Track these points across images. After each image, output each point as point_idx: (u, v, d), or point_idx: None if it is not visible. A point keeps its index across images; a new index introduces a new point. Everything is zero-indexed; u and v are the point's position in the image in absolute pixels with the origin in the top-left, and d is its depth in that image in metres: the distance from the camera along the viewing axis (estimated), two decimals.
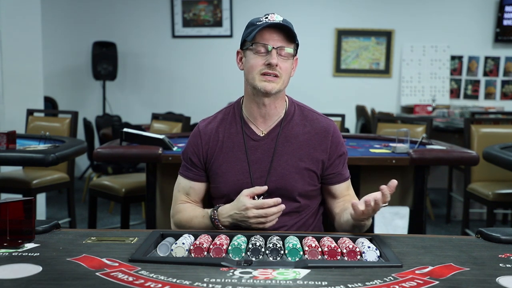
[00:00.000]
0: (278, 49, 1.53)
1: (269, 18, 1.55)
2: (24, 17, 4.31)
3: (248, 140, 1.62)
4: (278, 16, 1.57)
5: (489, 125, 3.88)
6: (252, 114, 1.64)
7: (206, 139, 1.65)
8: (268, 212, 1.43)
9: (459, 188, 4.40)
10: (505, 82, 6.52)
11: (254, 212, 1.43)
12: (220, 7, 6.44)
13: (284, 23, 1.55)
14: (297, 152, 1.61)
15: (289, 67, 1.57)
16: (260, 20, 1.55)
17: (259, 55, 1.54)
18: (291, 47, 1.56)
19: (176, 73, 6.57)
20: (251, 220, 1.44)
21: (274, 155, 1.60)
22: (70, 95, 6.50)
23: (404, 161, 2.61)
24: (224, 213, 1.51)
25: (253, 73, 1.55)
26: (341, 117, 4.13)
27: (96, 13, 6.52)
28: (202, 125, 1.69)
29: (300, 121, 1.65)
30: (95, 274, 1.07)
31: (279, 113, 1.64)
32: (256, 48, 1.54)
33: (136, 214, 4.65)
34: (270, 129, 1.63)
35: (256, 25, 1.55)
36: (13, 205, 1.24)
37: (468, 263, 1.17)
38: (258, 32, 1.52)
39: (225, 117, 1.68)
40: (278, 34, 1.54)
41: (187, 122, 4.03)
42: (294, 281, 1.05)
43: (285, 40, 1.54)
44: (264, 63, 1.53)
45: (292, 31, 1.54)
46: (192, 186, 1.67)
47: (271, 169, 1.59)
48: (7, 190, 3.65)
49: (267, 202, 1.43)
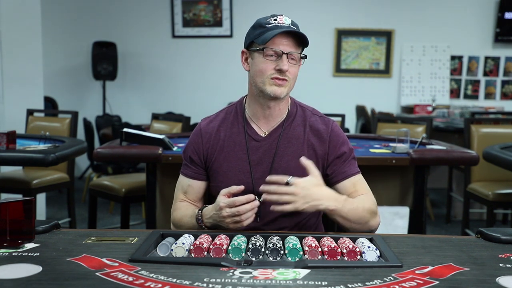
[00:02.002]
0: (288, 55, 1.52)
1: (278, 21, 1.53)
2: (24, 17, 4.31)
3: (250, 140, 1.62)
4: (287, 18, 1.55)
5: (489, 125, 3.88)
6: (255, 115, 1.63)
7: (207, 138, 1.65)
8: (240, 210, 1.39)
9: (459, 188, 4.40)
10: (505, 82, 6.52)
11: (227, 211, 1.40)
12: (220, 7, 6.44)
13: (293, 27, 1.53)
14: (298, 153, 1.60)
15: (296, 71, 1.56)
16: (269, 22, 1.53)
17: (269, 59, 1.52)
18: (300, 52, 1.55)
19: (176, 73, 6.57)
20: (226, 220, 1.41)
21: (275, 155, 1.60)
22: (70, 95, 6.50)
23: (404, 161, 2.61)
24: (206, 214, 1.50)
25: (262, 77, 1.54)
26: (341, 117, 4.13)
27: (96, 13, 6.52)
28: (203, 124, 1.68)
29: (301, 122, 1.64)
30: (95, 274, 1.07)
31: (282, 114, 1.64)
32: (266, 52, 1.52)
33: (136, 214, 4.65)
34: (272, 130, 1.63)
35: (265, 27, 1.53)
36: (13, 205, 1.24)
37: (468, 263, 1.17)
38: (272, 36, 1.50)
39: (227, 116, 1.67)
40: (288, 38, 1.52)
41: (187, 122, 4.03)
42: (294, 281, 1.05)
43: (295, 45, 1.53)
44: (274, 68, 1.52)
45: (304, 37, 1.52)
46: (190, 184, 1.67)
47: (272, 169, 1.59)
48: (7, 190, 3.65)
49: (239, 199, 1.40)
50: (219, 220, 1.43)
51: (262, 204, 1.58)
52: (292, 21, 1.56)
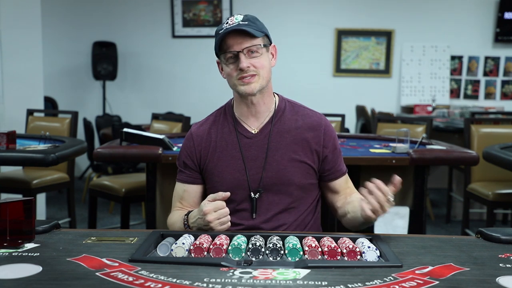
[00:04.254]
0: (245, 50, 1.53)
1: (229, 23, 1.55)
2: (24, 17, 4.31)
3: (242, 138, 1.63)
4: (238, 16, 1.56)
5: (489, 125, 3.88)
6: (243, 114, 1.65)
7: (198, 141, 1.66)
8: (225, 212, 1.41)
9: (459, 188, 4.40)
10: (505, 82, 6.52)
11: (214, 215, 1.40)
12: (220, 7, 6.44)
13: (243, 22, 1.53)
14: (291, 146, 1.62)
15: (264, 61, 1.57)
16: (222, 28, 1.56)
17: (230, 62, 1.56)
18: (258, 42, 1.55)
19: (176, 73, 6.57)
20: (211, 224, 1.41)
21: (268, 150, 1.61)
22: (70, 95, 6.50)
23: (404, 161, 2.61)
24: (191, 218, 1.51)
25: (232, 80, 1.58)
26: (341, 117, 4.13)
27: (96, 13, 6.52)
28: (193, 128, 1.70)
29: (291, 116, 1.65)
30: (95, 274, 1.07)
31: (269, 109, 1.65)
32: (225, 57, 1.56)
33: (136, 214, 4.65)
34: (262, 126, 1.64)
35: (218, 34, 1.56)
36: (13, 205, 1.24)
37: (468, 263, 1.17)
38: (221, 40, 1.54)
39: (216, 118, 1.69)
40: (240, 35, 1.53)
41: (187, 122, 4.03)
42: (294, 281, 1.05)
43: (249, 38, 1.53)
44: (237, 68, 1.55)
45: (249, 31, 1.51)
46: (186, 189, 1.67)
47: (266, 164, 1.60)
48: (7, 190, 3.65)
49: (222, 204, 1.42)
50: (204, 224, 1.43)
51: (259, 201, 1.60)
52: (245, 16, 1.57)
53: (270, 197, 1.60)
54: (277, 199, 1.60)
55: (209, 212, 1.41)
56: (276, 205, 1.61)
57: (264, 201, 1.61)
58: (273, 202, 1.60)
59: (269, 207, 1.61)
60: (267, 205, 1.61)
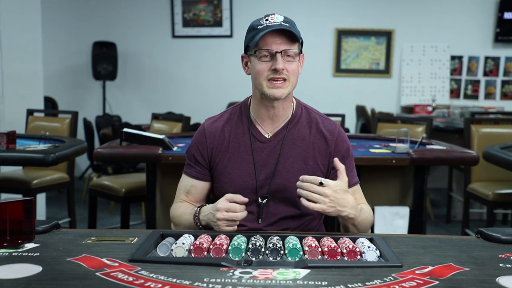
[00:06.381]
0: (283, 52, 1.51)
1: (270, 20, 1.52)
2: (24, 17, 4.30)
3: (255, 141, 1.61)
4: (279, 16, 1.54)
5: (489, 125, 3.88)
6: (260, 116, 1.62)
7: (211, 138, 1.64)
8: (236, 216, 1.41)
9: (459, 188, 4.40)
10: (505, 82, 6.52)
11: (224, 214, 1.40)
12: (220, 7, 6.44)
13: (285, 24, 1.52)
14: (303, 155, 1.60)
15: (295, 68, 1.55)
16: (261, 23, 1.53)
17: (264, 60, 1.52)
18: (295, 47, 1.53)
19: (176, 73, 6.57)
20: (219, 222, 1.40)
21: (279, 157, 1.59)
22: (70, 95, 6.50)
23: (404, 161, 2.61)
24: (204, 211, 1.50)
25: (260, 79, 1.53)
26: (341, 117, 4.12)
27: (96, 13, 6.52)
28: (207, 123, 1.67)
29: (306, 123, 1.63)
30: (95, 274, 1.07)
31: (286, 114, 1.63)
32: (260, 54, 1.52)
33: (136, 214, 4.65)
34: (276, 131, 1.62)
35: (257, 29, 1.52)
36: (13, 205, 1.24)
37: (468, 263, 1.17)
38: (261, 37, 1.50)
39: (231, 117, 1.66)
40: (280, 36, 1.51)
41: (187, 122, 4.03)
42: (294, 281, 1.05)
43: (289, 42, 1.52)
44: (270, 68, 1.51)
45: (293, 32, 1.51)
46: (193, 184, 1.66)
47: (275, 171, 1.58)
48: (7, 190, 3.64)
49: (238, 206, 1.42)
50: (213, 220, 1.43)
51: (265, 206, 1.59)
52: (285, 18, 1.55)
53: (277, 204, 1.59)
54: (283, 206, 1.59)
55: (221, 210, 1.40)
56: (282, 211, 1.59)
57: (270, 207, 1.59)
58: (280, 208, 1.59)
59: (275, 213, 1.59)
60: (273, 211, 1.59)
